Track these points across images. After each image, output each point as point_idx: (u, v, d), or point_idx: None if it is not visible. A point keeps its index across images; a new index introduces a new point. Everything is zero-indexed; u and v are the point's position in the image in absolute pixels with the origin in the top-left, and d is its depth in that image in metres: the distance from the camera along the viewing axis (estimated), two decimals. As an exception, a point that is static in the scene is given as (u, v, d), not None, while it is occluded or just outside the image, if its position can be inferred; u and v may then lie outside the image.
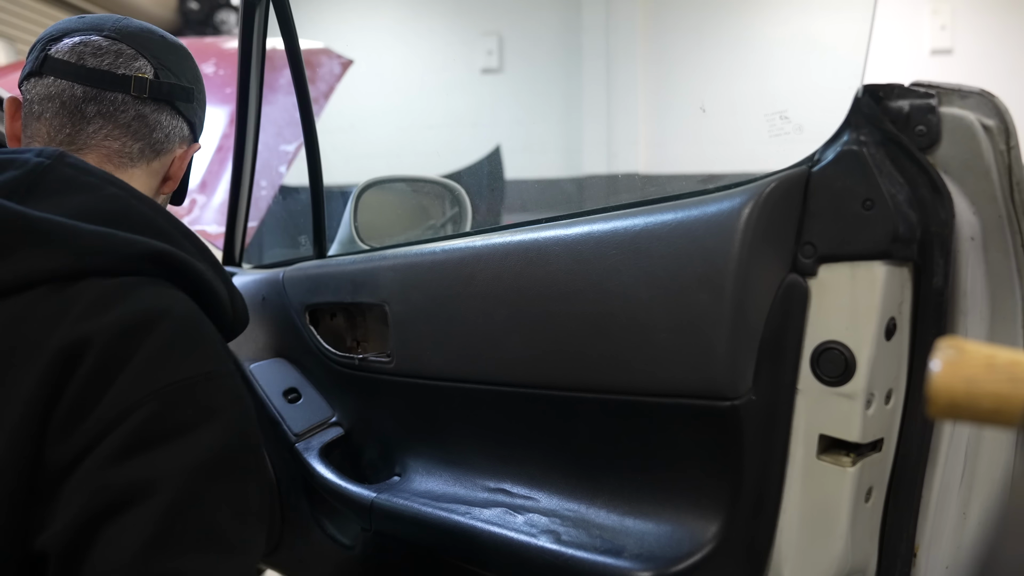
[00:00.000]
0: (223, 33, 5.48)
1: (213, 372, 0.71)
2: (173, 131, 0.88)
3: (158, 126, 0.86)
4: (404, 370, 1.11)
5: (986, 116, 0.73)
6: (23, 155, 0.75)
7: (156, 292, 0.72)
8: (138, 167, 0.86)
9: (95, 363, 0.65)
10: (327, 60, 2.75)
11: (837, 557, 0.79)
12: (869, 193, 0.73)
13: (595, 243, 0.88)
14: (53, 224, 0.69)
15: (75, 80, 0.81)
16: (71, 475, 0.63)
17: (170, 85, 0.86)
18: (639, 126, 4.98)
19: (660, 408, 0.84)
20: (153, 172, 0.88)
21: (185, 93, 0.88)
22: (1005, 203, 0.74)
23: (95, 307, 0.68)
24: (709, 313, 0.79)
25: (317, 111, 1.42)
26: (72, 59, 0.81)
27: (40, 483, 0.63)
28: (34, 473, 0.63)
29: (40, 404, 0.64)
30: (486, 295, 0.98)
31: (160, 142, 0.87)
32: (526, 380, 0.96)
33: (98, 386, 0.65)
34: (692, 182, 1.08)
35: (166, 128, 0.87)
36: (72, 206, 0.72)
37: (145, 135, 0.85)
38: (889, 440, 0.80)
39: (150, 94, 0.84)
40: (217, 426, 0.68)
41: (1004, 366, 0.37)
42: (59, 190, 0.73)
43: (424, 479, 1.11)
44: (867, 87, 0.75)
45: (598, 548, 0.87)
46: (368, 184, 1.56)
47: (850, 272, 0.75)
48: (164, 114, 0.86)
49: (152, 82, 0.84)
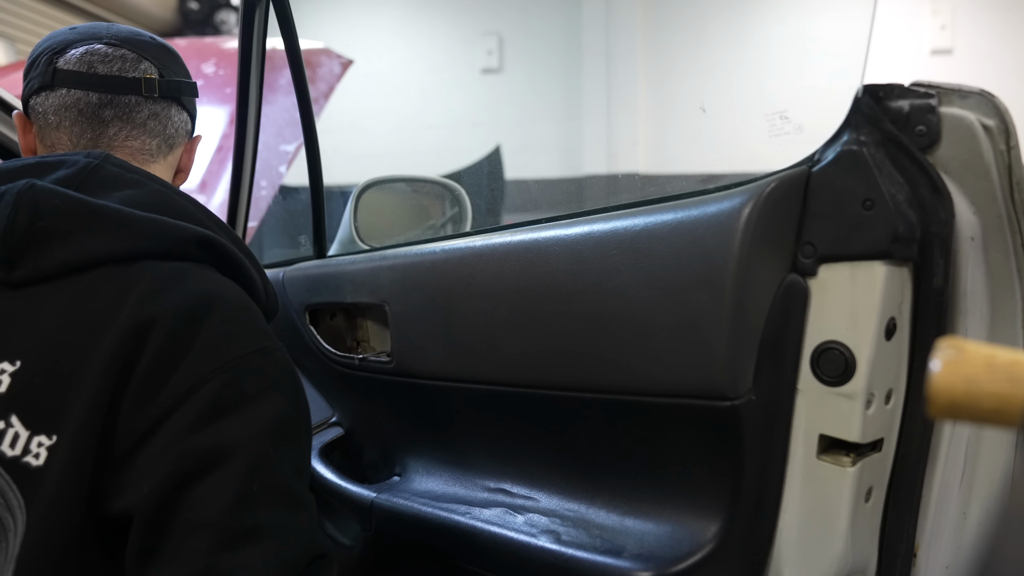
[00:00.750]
0: (223, 33, 5.48)
1: (267, 348, 0.76)
2: (181, 125, 0.94)
3: (169, 122, 0.92)
4: (404, 370, 1.11)
5: (986, 116, 0.73)
6: (73, 156, 0.81)
7: (208, 276, 0.78)
8: (158, 162, 0.92)
9: (165, 340, 0.71)
10: (327, 60, 2.75)
11: (837, 557, 0.79)
12: (869, 193, 0.73)
13: (595, 243, 0.88)
14: (111, 210, 0.75)
15: (89, 88, 0.86)
16: (149, 443, 0.68)
17: (176, 82, 0.92)
18: (639, 126, 4.98)
19: (660, 408, 0.84)
20: (169, 166, 0.94)
21: (190, 88, 0.94)
22: (1005, 203, 0.74)
23: (157, 288, 0.73)
24: (709, 313, 0.79)
25: (317, 111, 1.42)
26: (83, 68, 0.86)
27: (116, 451, 0.68)
28: (110, 442, 0.68)
29: (114, 376, 0.69)
30: (486, 295, 0.98)
31: (172, 136, 0.93)
32: (526, 380, 0.96)
33: (169, 362, 0.70)
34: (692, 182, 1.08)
35: (175, 123, 0.93)
36: (122, 199, 0.78)
37: (159, 131, 0.91)
38: (889, 440, 0.80)
39: (160, 93, 0.90)
40: (277, 395, 0.73)
41: (1004, 366, 0.37)
42: (108, 186, 0.79)
43: (424, 479, 1.11)
44: (867, 87, 0.75)
45: (598, 548, 0.87)
46: (368, 184, 1.56)
47: (850, 272, 0.75)
48: (172, 110, 0.92)
49: (160, 81, 0.90)
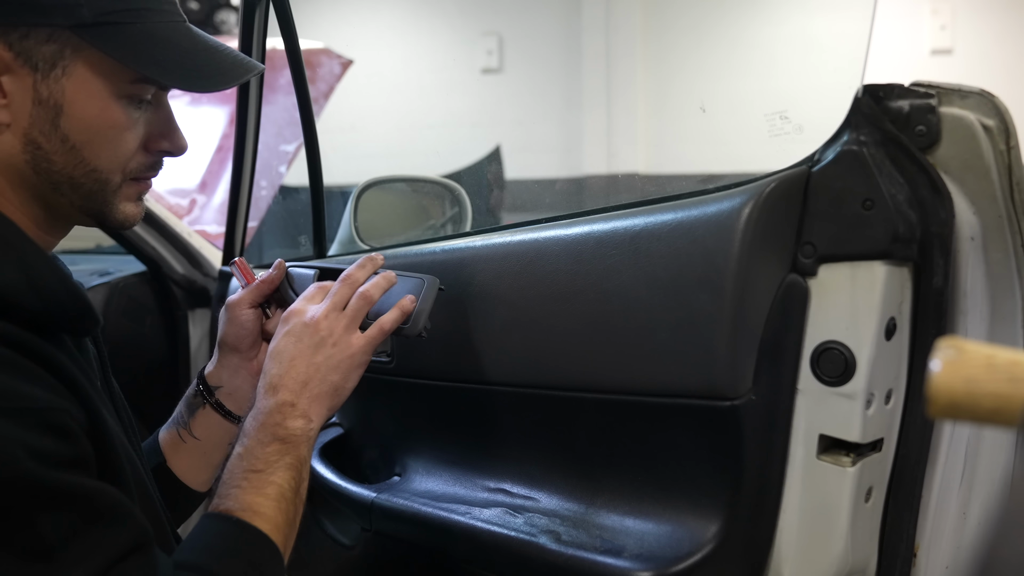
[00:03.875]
0: (223, 33, 5.47)
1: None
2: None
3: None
4: (404, 370, 1.11)
5: (986, 116, 0.73)
6: None
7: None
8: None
9: None
10: (327, 60, 2.75)
11: (837, 557, 0.79)
12: (869, 193, 0.73)
13: (595, 243, 0.88)
14: None
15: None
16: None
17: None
18: (639, 126, 4.98)
19: (660, 408, 0.84)
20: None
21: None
22: (1005, 203, 0.74)
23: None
24: (709, 313, 0.79)
25: (317, 111, 1.42)
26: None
27: None
28: None
29: None
30: (486, 295, 0.98)
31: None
32: (526, 380, 0.96)
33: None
34: (692, 182, 1.08)
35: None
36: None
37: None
38: (889, 440, 0.80)
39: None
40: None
41: (1004, 366, 0.37)
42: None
43: (424, 479, 1.11)
44: (867, 87, 0.75)
45: (598, 548, 0.87)
46: (368, 184, 1.56)
47: (850, 272, 0.75)
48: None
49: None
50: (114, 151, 0.71)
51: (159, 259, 1.61)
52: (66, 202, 0.71)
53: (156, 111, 0.74)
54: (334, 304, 0.82)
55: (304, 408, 0.78)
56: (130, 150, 0.72)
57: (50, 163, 0.68)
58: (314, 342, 0.80)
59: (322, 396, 0.80)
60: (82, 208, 0.73)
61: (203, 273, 1.64)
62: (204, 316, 1.62)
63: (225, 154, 2.45)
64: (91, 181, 0.71)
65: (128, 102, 0.71)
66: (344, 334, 0.81)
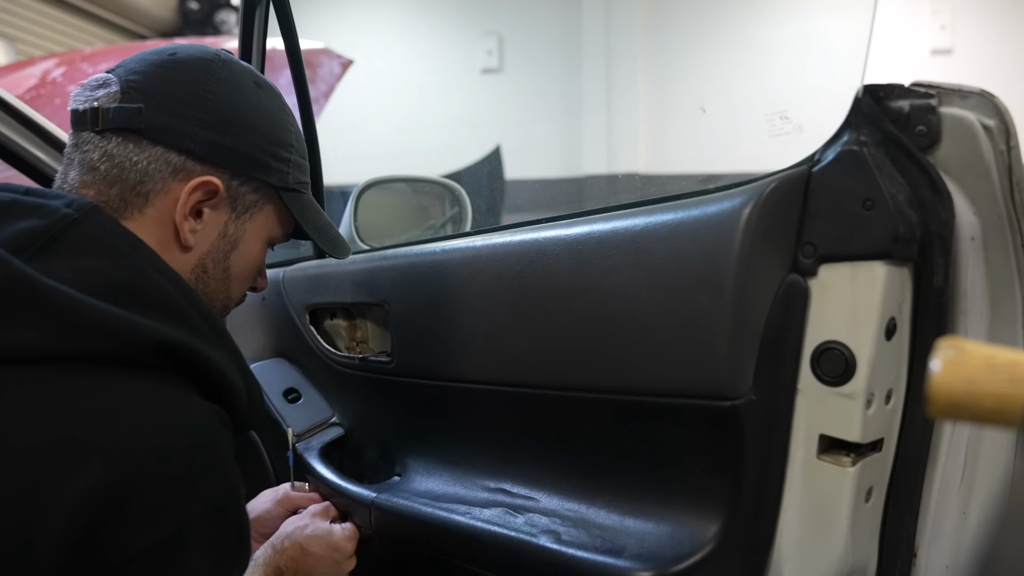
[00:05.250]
0: (223, 33, 5.48)
1: (219, 505, 0.64)
2: (151, 164, 0.72)
3: (128, 162, 0.71)
4: (404, 370, 1.11)
5: (986, 116, 0.73)
6: (52, 203, 0.67)
7: (153, 409, 0.63)
8: (129, 220, 0.72)
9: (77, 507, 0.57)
10: (327, 60, 2.75)
11: (837, 557, 0.79)
12: (869, 193, 0.73)
13: (595, 243, 0.88)
14: (59, 295, 0.61)
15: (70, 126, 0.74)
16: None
17: (122, 110, 0.71)
18: (639, 126, 4.98)
19: (660, 408, 0.84)
20: (151, 224, 0.73)
21: (138, 115, 0.71)
22: (1005, 203, 0.74)
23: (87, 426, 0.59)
24: (709, 313, 0.79)
25: (317, 111, 1.42)
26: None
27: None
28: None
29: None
30: (486, 295, 0.98)
31: (139, 182, 0.72)
32: (526, 380, 0.96)
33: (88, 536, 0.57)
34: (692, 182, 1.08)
35: (139, 163, 0.72)
36: (87, 272, 0.64)
37: (118, 176, 0.71)
38: (889, 440, 0.80)
39: (104, 125, 0.71)
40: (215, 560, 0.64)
41: (1004, 366, 0.37)
42: (80, 250, 0.65)
43: (424, 479, 1.11)
44: (867, 87, 0.75)
45: (598, 548, 0.87)
46: (368, 184, 1.56)
47: (850, 272, 0.75)
48: (131, 145, 0.72)
49: (103, 111, 0.71)
50: (246, 285, 0.85)
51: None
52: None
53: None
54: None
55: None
56: (251, 284, 0.86)
57: (206, 285, 0.78)
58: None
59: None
60: None
61: (203, 273, 1.64)
62: (204, 316, 1.62)
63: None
64: (221, 304, 0.82)
65: (268, 246, 0.85)
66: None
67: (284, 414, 1.25)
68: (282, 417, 1.25)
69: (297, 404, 1.27)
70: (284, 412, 1.26)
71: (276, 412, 1.26)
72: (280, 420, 1.25)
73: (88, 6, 5.25)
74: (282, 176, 0.80)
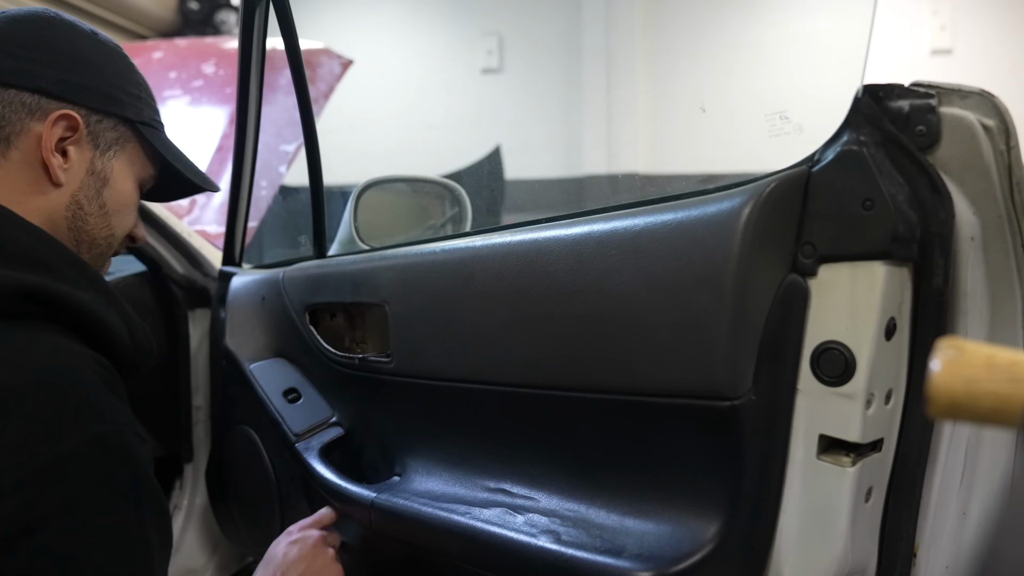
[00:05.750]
0: (223, 33, 5.48)
1: (97, 435, 0.64)
2: (6, 107, 0.74)
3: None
4: (404, 370, 1.11)
5: (986, 116, 0.73)
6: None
7: (16, 349, 0.64)
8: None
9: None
10: (327, 60, 2.75)
11: (837, 557, 0.79)
12: (869, 193, 0.73)
13: (595, 243, 0.88)
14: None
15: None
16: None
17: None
18: (639, 126, 4.98)
19: (660, 408, 0.84)
20: (18, 167, 0.76)
21: (17, 53, 0.74)
22: (1005, 203, 0.74)
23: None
24: (709, 313, 0.79)
25: (317, 111, 1.42)
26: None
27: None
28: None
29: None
30: (486, 295, 0.98)
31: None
32: (526, 380, 0.96)
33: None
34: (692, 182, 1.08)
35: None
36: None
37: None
38: (889, 440, 0.80)
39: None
40: (106, 496, 0.64)
41: (1004, 366, 0.37)
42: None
43: (424, 479, 1.11)
44: (867, 87, 0.75)
45: (598, 548, 0.87)
46: (368, 184, 1.56)
47: (850, 272, 0.75)
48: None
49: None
50: (126, 222, 0.87)
51: (159, 259, 1.61)
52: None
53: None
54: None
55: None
56: (132, 223, 0.89)
57: (84, 222, 0.81)
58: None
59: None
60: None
61: (203, 273, 1.64)
62: (204, 316, 1.62)
63: (225, 154, 2.44)
64: (105, 242, 0.85)
65: (140, 187, 0.88)
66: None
67: (284, 414, 1.25)
68: (282, 417, 1.25)
69: (297, 404, 1.27)
70: (284, 412, 1.26)
71: (276, 412, 1.26)
72: (280, 420, 1.25)
73: (88, 6, 5.25)
74: (136, 111, 0.84)
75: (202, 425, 1.60)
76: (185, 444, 1.61)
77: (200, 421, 1.60)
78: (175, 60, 2.88)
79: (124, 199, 0.85)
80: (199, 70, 2.77)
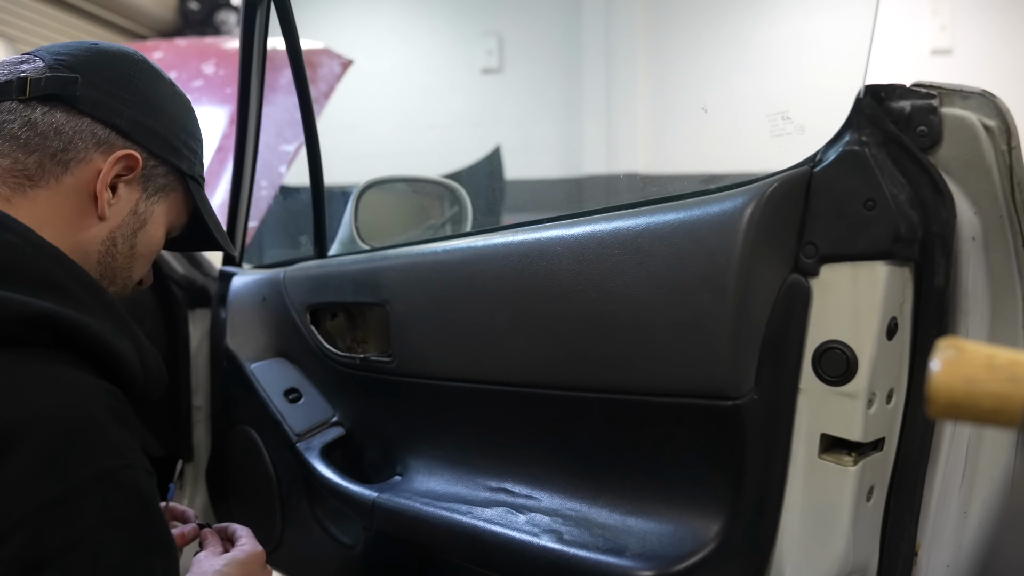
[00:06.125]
0: (223, 33, 5.48)
1: (105, 471, 0.63)
2: (76, 134, 0.75)
3: (52, 130, 0.74)
4: (405, 370, 1.11)
5: (987, 116, 0.73)
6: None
7: (30, 380, 0.63)
8: (43, 188, 0.74)
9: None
10: (327, 60, 2.75)
11: (839, 556, 0.79)
12: (871, 193, 0.73)
13: (597, 243, 0.88)
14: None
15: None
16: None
17: (63, 78, 0.74)
18: (639, 126, 4.98)
19: (662, 408, 0.84)
20: (67, 192, 0.75)
21: (73, 84, 0.74)
22: (1006, 203, 0.74)
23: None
24: (711, 313, 0.79)
25: (317, 111, 1.42)
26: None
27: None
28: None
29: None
30: (487, 295, 0.99)
31: (61, 150, 0.74)
32: (528, 380, 0.96)
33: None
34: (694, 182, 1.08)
35: (65, 131, 0.74)
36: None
37: (39, 144, 0.73)
38: (890, 439, 0.80)
39: (31, 93, 0.73)
40: (114, 532, 0.62)
41: (1004, 366, 0.37)
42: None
43: (426, 479, 1.11)
44: (868, 87, 0.75)
45: (600, 547, 0.88)
46: (368, 184, 1.56)
47: (852, 272, 0.75)
48: (59, 114, 0.74)
49: (34, 79, 0.73)
50: (145, 268, 0.88)
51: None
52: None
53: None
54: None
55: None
56: (147, 271, 0.89)
57: (114, 259, 0.82)
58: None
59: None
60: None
61: (203, 273, 1.64)
62: (204, 316, 1.62)
63: (225, 154, 2.44)
64: (122, 284, 0.85)
65: (167, 235, 0.89)
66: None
67: (285, 414, 1.25)
68: (283, 417, 1.25)
69: (298, 404, 1.27)
70: (285, 412, 1.26)
71: (277, 412, 1.26)
72: (281, 420, 1.25)
73: (88, 6, 5.25)
74: (190, 164, 0.87)
75: (202, 425, 1.60)
76: (185, 444, 1.61)
77: (200, 421, 1.60)
78: (175, 60, 2.88)
79: (153, 244, 0.86)
80: (199, 70, 2.76)
